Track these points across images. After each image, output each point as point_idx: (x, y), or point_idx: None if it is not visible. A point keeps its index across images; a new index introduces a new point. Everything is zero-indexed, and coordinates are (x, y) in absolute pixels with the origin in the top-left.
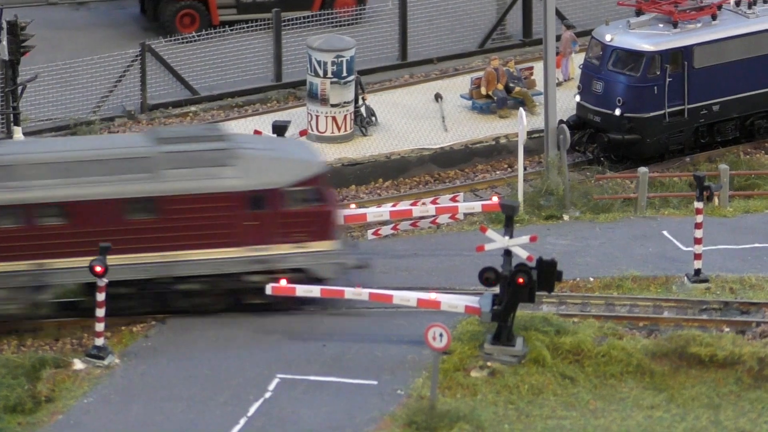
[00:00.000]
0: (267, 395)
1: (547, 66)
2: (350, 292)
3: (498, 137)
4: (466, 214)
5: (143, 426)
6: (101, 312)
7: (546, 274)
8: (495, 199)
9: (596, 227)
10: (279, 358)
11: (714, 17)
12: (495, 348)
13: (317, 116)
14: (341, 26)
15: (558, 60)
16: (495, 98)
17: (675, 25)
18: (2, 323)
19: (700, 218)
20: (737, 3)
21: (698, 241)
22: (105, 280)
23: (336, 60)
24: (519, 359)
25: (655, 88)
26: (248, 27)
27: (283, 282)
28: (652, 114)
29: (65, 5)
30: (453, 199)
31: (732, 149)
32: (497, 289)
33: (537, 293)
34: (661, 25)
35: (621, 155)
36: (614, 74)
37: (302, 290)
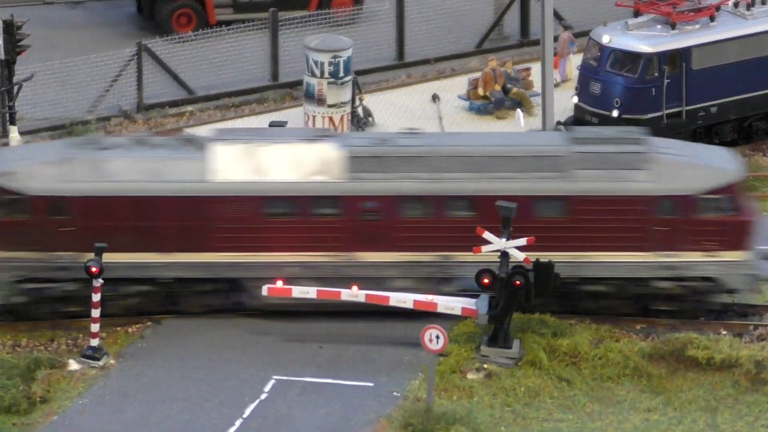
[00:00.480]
0: (263, 396)
1: (545, 67)
2: (347, 294)
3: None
4: None
5: (139, 427)
6: (96, 312)
7: (543, 277)
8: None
9: None
10: (275, 360)
11: (712, 18)
12: (491, 350)
13: (314, 116)
14: (338, 26)
15: (555, 61)
16: (492, 99)
17: (673, 27)
18: None
19: None
20: (735, 4)
21: None
22: (101, 281)
23: (333, 60)
24: (515, 361)
25: (653, 90)
26: (245, 27)
27: (279, 283)
28: (650, 116)
29: (61, 4)
30: None
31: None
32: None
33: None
34: (659, 27)
35: None
36: (612, 75)
37: (298, 292)
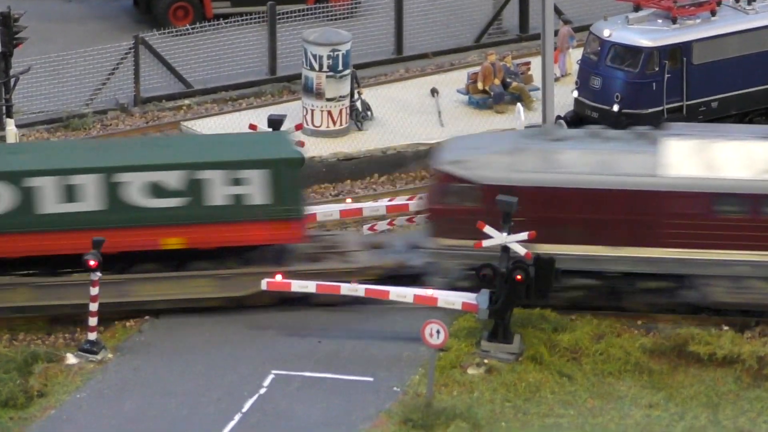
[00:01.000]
0: (262, 391)
1: (545, 61)
2: (346, 288)
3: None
4: None
5: (136, 421)
6: (94, 306)
7: (543, 273)
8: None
9: None
10: (274, 354)
11: (713, 13)
12: (492, 345)
13: (312, 110)
14: (336, 20)
15: (555, 55)
16: (492, 93)
17: (674, 21)
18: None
19: None
20: None
21: None
22: (99, 274)
23: (332, 54)
24: (516, 357)
25: (654, 84)
26: (242, 20)
27: (279, 277)
28: (651, 110)
29: None
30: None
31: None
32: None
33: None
34: (660, 21)
35: None
36: (612, 70)
37: (297, 286)
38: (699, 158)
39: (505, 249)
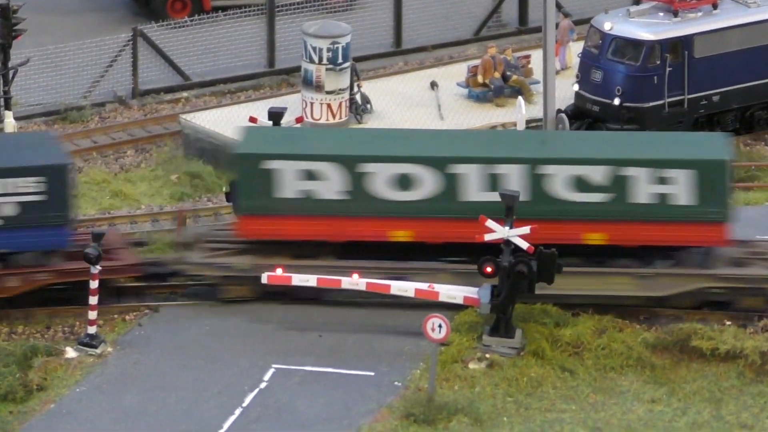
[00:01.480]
0: (262, 385)
1: (547, 55)
2: (347, 282)
3: (495, 126)
4: None
5: (136, 415)
6: (94, 300)
7: (546, 266)
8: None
9: None
10: (274, 348)
11: (715, 6)
12: (493, 339)
13: (312, 103)
14: (335, 12)
15: (556, 48)
16: (492, 87)
17: (675, 14)
18: None
19: None
20: None
21: None
22: (98, 267)
23: (332, 46)
24: (518, 351)
25: (655, 78)
26: (241, 12)
27: (279, 271)
28: (652, 104)
29: None
30: None
31: (732, 140)
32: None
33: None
34: (662, 14)
35: None
36: (613, 63)
37: (298, 279)
38: None
39: (508, 243)
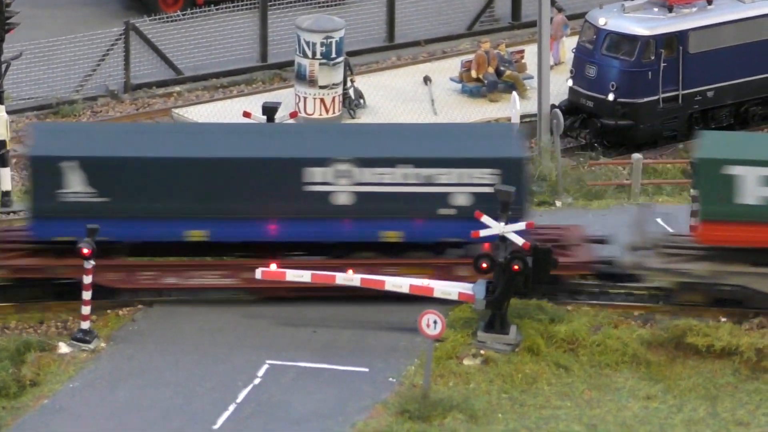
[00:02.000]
0: (256, 381)
1: (541, 50)
2: (341, 278)
3: (488, 121)
4: None
5: (130, 411)
6: (87, 295)
7: (541, 262)
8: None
9: (589, 214)
10: (268, 344)
11: (710, 2)
12: (488, 336)
13: (305, 98)
14: (327, 6)
15: (549, 43)
16: (485, 82)
17: (670, 10)
18: None
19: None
20: None
21: None
22: (92, 263)
23: (325, 41)
24: (513, 347)
25: (649, 73)
26: (233, 6)
27: (273, 266)
28: (646, 99)
29: None
30: None
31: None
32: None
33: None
34: (656, 9)
35: (614, 141)
36: (608, 59)
37: (292, 275)
38: None
39: (503, 239)
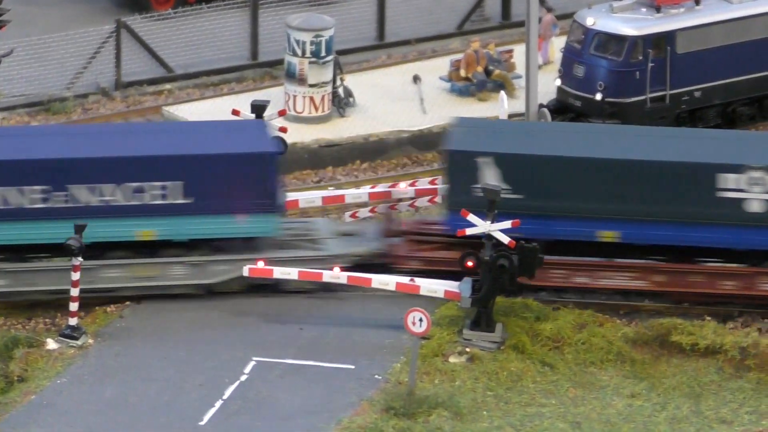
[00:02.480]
0: (243, 378)
1: (530, 49)
2: (328, 275)
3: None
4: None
5: (117, 407)
6: (75, 291)
7: (527, 260)
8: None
9: None
10: (255, 341)
11: (698, 2)
12: (474, 334)
13: (295, 96)
14: (318, 5)
15: (538, 43)
16: (474, 81)
17: (658, 10)
18: None
19: None
20: None
21: None
22: (80, 259)
23: (315, 39)
24: (498, 345)
25: (637, 73)
26: (224, 4)
27: (261, 264)
28: (634, 99)
29: None
30: (432, 182)
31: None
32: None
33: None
34: (644, 10)
35: None
36: (596, 58)
37: (279, 272)
38: None
39: (489, 237)
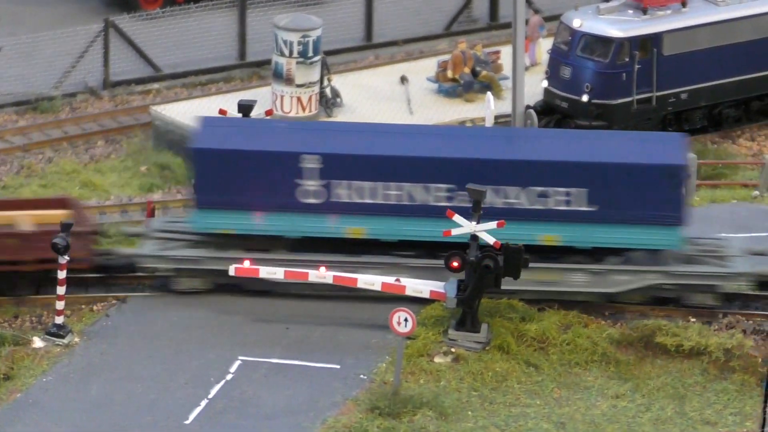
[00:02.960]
0: (228, 377)
1: (516, 50)
2: (314, 275)
3: (464, 121)
4: None
5: (103, 405)
6: (62, 290)
7: (512, 261)
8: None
9: None
10: (241, 340)
11: (684, 4)
12: (459, 334)
13: (282, 96)
14: (306, 5)
15: (525, 45)
16: (461, 82)
17: (645, 12)
18: None
19: None
20: None
21: None
22: (66, 257)
23: (302, 40)
24: (483, 346)
25: (624, 75)
26: (212, 4)
27: (247, 263)
28: (620, 101)
29: None
30: None
31: (699, 138)
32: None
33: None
34: (631, 12)
35: None
36: (582, 60)
37: (265, 272)
38: None
39: (474, 237)
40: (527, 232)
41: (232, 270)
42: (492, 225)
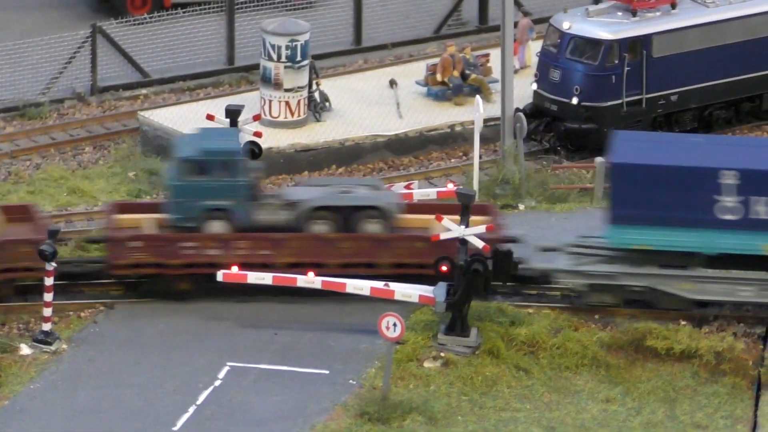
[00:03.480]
0: (217, 383)
1: (505, 53)
2: (302, 280)
3: (453, 125)
4: None
5: (91, 413)
6: (49, 297)
7: (502, 265)
8: (450, 186)
9: (552, 217)
10: (229, 346)
11: (673, 6)
12: (449, 338)
13: (270, 101)
14: (295, 10)
15: (515, 47)
16: (451, 85)
17: (634, 14)
18: None
19: None
20: None
21: None
22: (53, 264)
23: (290, 44)
24: (473, 350)
25: (613, 77)
26: (201, 9)
27: (235, 269)
28: (610, 103)
29: None
30: (407, 187)
31: None
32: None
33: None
34: (620, 14)
35: (578, 144)
36: (572, 62)
37: (254, 277)
38: None
39: (463, 242)
40: None
41: (220, 275)
42: (481, 229)
